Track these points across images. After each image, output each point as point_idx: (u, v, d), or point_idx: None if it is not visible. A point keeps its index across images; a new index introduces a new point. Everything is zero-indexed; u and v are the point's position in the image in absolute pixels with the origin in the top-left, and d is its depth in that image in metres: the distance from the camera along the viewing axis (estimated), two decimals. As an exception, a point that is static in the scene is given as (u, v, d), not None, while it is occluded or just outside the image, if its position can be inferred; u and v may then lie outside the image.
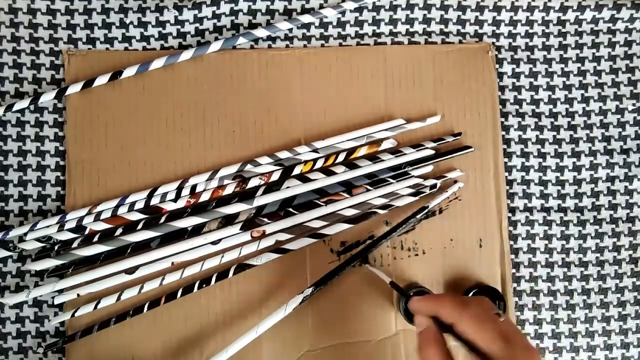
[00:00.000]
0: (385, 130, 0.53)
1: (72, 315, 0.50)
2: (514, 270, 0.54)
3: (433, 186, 0.53)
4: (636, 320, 0.54)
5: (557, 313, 0.54)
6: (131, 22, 0.54)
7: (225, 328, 0.51)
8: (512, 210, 0.55)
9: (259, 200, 0.51)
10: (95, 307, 0.50)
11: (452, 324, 0.36)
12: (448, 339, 0.36)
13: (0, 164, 0.53)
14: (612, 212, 0.55)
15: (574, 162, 0.56)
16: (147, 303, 0.50)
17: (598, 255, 0.55)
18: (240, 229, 0.51)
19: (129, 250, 0.51)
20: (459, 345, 0.36)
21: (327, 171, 0.52)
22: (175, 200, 0.51)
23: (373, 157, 0.53)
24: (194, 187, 0.52)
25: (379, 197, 0.52)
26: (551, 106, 0.56)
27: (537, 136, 0.56)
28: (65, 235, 0.50)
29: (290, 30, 0.55)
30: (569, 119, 0.56)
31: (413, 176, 0.53)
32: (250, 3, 0.55)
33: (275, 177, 0.52)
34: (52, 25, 0.54)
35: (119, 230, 0.51)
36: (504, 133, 0.55)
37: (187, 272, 0.51)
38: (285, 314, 0.47)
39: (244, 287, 0.52)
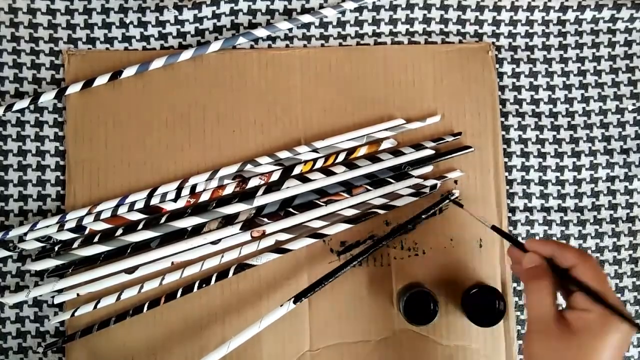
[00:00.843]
0: (385, 130, 0.53)
1: (72, 314, 0.50)
2: (514, 270, 0.54)
3: (433, 186, 0.53)
4: (636, 320, 0.54)
5: (557, 313, 0.54)
6: (131, 22, 0.54)
7: (225, 328, 0.51)
8: (512, 210, 0.55)
9: (259, 200, 0.51)
10: (95, 307, 0.50)
11: (572, 266, 0.38)
12: None
13: (0, 164, 0.53)
14: (612, 212, 0.55)
15: (574, 162, 0.56)
16: (147, 303, 0.50)
17: (598, 255, 0.55)
18: (240, 229, 0.51)
19: (129, 250, 0.51)
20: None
21: (327, 171, 0.52)
22: (175, 200, 0.51)
23: (373, 157, 0.53)
24: (194, 187, 0.52)
25: (379, 197, 0.52)
26: (551, 106, 0.56)
27: (537, 136, 0.56)
28: (65, 235, 0.50)
29: (290, 30, 0.55)
30: (569, 119, 0.56)
31: (413, 176, 0.53)
32: (250, 3, 0.55)
33: (275, 177, 0.52)
34: (52, 25, 0.54)
35: (119, 231, 0.51)
36: (504, 133, 0.55)
37: (187, 272, 0.51)
38: (287, 310, 0.47)
39: (244, 287, 0.52)
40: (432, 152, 0.53)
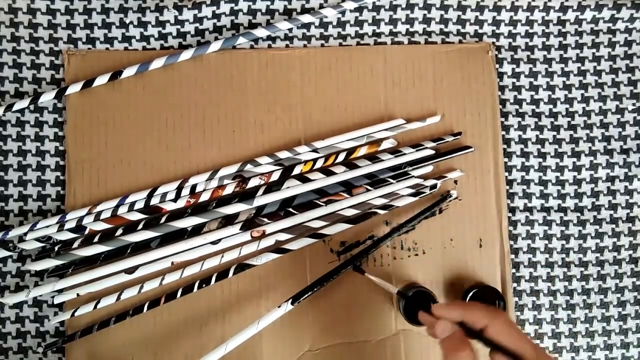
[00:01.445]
0: (385, 130, 0.53)
1: (72, 314, 0.50)
2: (514, 270, 0.54)
3: (433, 186, 0.53)
4: (636, 320, 0.54)
5: (557, 313, 0.54)
6: (131, 22, 0.54)
7: (225, 328, 0.51)
8: (512, 210, 0.55)
9: (259, 200, 0.51)
10: (95, 307, 0.50)
11: (484, 327, 0.37)
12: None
13: (0, 164, 0.53)
14: (612, 212, 0.55)
15: (574, 162, 0.56)
16: (147, 303, 0.50)
17: (598, 255, 0.55)
18: (240, 229, 0.51)
19: (129, 250, 0.51)
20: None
21: (327, 171, 0.52)
22: (175, 200, 0.51)
23: (373, 157, 0.53)
24: (194, 187, 0.52)
25: (379, 197, 0.52)
26: (551, 106, 0.56)
27: (537, 136, 0.56)
28: (65, 235, 0.50)
29: (290, 30, 0.55)
30: (569, 119, 0.56)
31: (413, 176, 0.53)
32: (250, 3, 0.55)
33: (275, 177, 0.52)
34: (52, 25, 0.54)
35: (119, 231, 0.51)
36: (504, 133, 0.55)
37: (187, 272, 0.50)
38: (286, 311, 0.47)
39: (244, 287, 0.52)
40: (432, 152, 0.53)
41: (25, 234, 0.50)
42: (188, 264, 0.51)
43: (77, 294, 0.50)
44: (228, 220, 0.52)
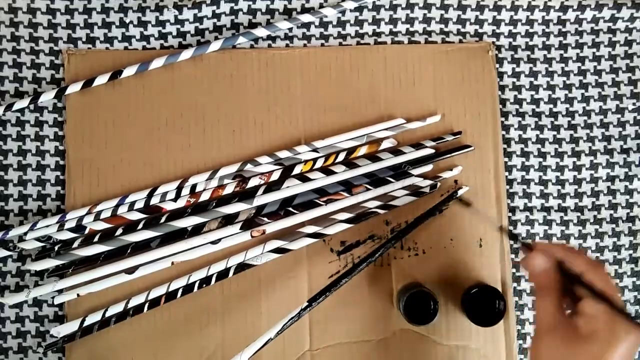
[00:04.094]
0: (385, 129, 0.53)
1: (81, 324, 0.49)
2: (514, 270, 0.54)
3: (433, 186, 0.53)
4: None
5: (557, 313, 0.54)
6: (131, 22, 0.54)
7: (225, 328, 0.51)
8: (512, 209, 0.55)
9: (259, 200, 0.51)
10: (103, 316, 0.50)
11: (583, 272, 0.37)
12: None
13: (0, 163, 0.53)
14: (612, 211, 0.55)
15: (574, 162, 0.55)
16: (147, 303, 0.50)
17: (598, 255, 0.55)
18: (240, 229, 0.51)
19: (129, 250, 0.51)
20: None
21: (327, 171, 0.52)
22: (175, 200, 0.51)
23: (373, 157, 0.53)
24: (194, 187, 0.52)
25: (378, 196, 0.52)
26: (551, 105, 0.56)
27: (537, 135, 0.55)
28: (65, 235, 0.50)
29: (290, 29, 0.55)
30: (569, 119, 0.56)
31: (413, 175, 0.53)
32: (250, 2, 0.55)
33: (275, 176, 0.52)
34: (52, 24, 0.54)
35: (119, 230, 0.51)
36: (504, 132, 0.55)
37: (188, 273, 0.51)
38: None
39: (244, 287, 0.52)
40: (432, 151, 0.53)
41: (25, 233, 0.50)
42: (193, 270, 0.51)
43: (77, 294, 0.50)
44: (228, 220, 0.52)
